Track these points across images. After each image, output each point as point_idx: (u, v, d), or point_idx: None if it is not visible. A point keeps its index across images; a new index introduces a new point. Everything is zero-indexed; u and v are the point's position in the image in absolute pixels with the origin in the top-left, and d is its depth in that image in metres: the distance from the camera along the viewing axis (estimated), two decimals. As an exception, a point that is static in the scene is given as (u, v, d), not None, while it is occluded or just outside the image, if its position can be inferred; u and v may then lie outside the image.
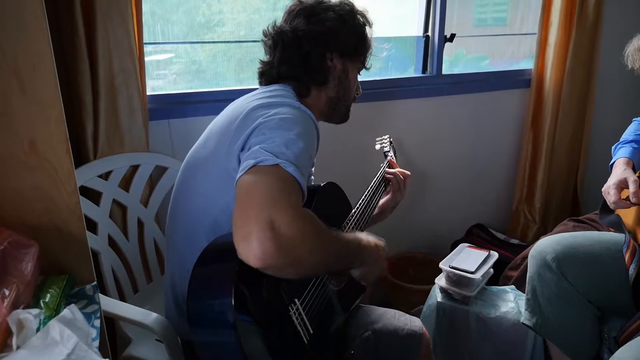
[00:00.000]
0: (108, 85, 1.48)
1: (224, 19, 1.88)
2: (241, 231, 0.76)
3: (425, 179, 2.28)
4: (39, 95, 0.81)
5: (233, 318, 0.79)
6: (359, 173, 1.65)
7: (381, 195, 1.41)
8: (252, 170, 0.83)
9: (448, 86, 2.20)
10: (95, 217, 1.47)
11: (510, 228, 2.50)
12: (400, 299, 2.05)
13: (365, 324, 1.19)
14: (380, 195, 1.40)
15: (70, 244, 0.89)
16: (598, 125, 2.46)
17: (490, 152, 2.41)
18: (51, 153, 0.84)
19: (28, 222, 0.85)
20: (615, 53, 1.53)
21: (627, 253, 1.31)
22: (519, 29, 2.47)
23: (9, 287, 0.69)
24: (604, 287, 1.34)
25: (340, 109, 1.25)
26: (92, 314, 0.83)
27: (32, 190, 0.84)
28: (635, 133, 1.56)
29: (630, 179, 1.34)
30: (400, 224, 2.18)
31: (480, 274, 1.56)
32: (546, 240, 1.43)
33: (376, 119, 2.07)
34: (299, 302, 0.95)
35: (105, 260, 1.47)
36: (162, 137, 1.69)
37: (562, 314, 1.37)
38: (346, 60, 1.20)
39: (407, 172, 1.45)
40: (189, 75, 1.87)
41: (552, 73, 2.25)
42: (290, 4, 1.21)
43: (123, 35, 1.47)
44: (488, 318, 1.56)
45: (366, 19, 1.22)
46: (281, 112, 0.96)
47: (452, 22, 2.20)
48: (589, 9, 2.19)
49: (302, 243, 0.79)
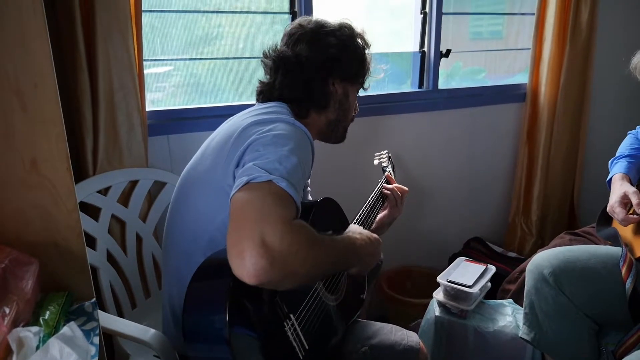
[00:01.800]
0: (108, 101, 1.49)
1: (222, 33, 1.90)
2: (235, 249, 0.77)
3: (422, 192, 2.29)
4: (40, 114, 0.82)
5: (227, 334, 0.80)
6: (356, 188, 1.66)
7: (379, 211, 1.42)
8: (245, 187, 0.84)
9: (444, 101, 2.23)
10: (94, 232, 1.47)
11: (508, 241, 2.51)
12: (398, 313, 2.05)
13: (362, 339, 1.19)
14: (378, 210, 1.41)
15: (70, 261, 0.89)
16: (593, 139, 2.48)
17: (487, 165, 2.43)
18: (52, 171, 0.84)
19: (28, 239, 0.85)
20: (609, 68, 1.55)
21: (624, 267, 1.31)
22: (515, 42, 2.50)
23: (10, 305, 0.69)
24: (601, 301, 1.34)
25: (339, 129, 1.27)
26: (91, 331, 0.83)
27: (33, 208, 0.85)
28: (630, 147, 1.58)
29: (630, 191, 1.36)
30: (398, 238, 2.18)
31: (477, 288, 1.56)
32: (543, 255, 1.44)
33: (373, 134, 2.09)
34: (294, 317, 0.95)
35: (104, 275, 1.47)
36: (161, 153, 1.70)
37: (560, 328, 1.37)
38: (347, 84, 1.22)
39: (404, 188, 1.46)
40: (188, 88, 1.89)
41: (547, 88, 2.27)
42: (291, 27, 1.21)
43: (123, 53, 1.49)
44: (486, 332, 1.57)
45: (365, 41, 1.24)
46: (275, 129, 0.98)
47: (448, 35, 2.22)
48: (582, 25, 2.22)
49: (295, 256, 0.79)
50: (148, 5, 1.65)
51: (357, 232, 1.06)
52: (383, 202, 1.44)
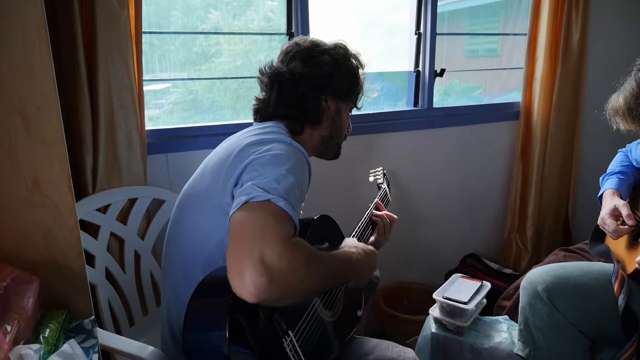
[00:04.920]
0: (108, 121, 1.52)
1: (220, 50, 1.93)
2: (234, 268, 0.78)
3: (418, 210, 2.31)
4: (42, 135, 0.85)
5: (227, 351, 0.81)
6: (352, 205, 1.67)
7: (368, 238, 1.42)
8: (244, 206, 0.86)
9: (439, 119, 2.26)
10: (93, 250, 1.48)
11: (503, 257, 2.53)
12: (394, 329, 2.05)
13: (359, 356, 1.20)
14: (368, 237, 1.41)
15: (70, 279, 0.91)
16: (586, 156, 2.52)
17: (482, 182, 2.46)
18: (53, 191, 0.86)
19: (29, 257, 0.87)
20: (601, 86, 1.57)
21: (616, 283, 1.33)
22: (509, 61, 2.55)
23: (11, 323, 0.71)
24: (595, 317, 1.35)
25: (332, 146, 1.29)
26: (90, 349, 0.84)
27: (34, 226, 0.87)
28: (620, 164, 1.61)
29: (620, 204, 1.39)
30: (395, 255, 2.20)
31: (473, 304, 1.57)
32: (537, 271, 1.45)
33: (368, 152, 2.11)
34: (293, 333, 0.96)
35: (102, 293, 1.47)
36: (159, 171, 1.72)
37: (554, 345, 1.38)
38: (339, 102, 1.24)
39: (394, 216, 1.46)
40: (186, 105, 1.92)
41: (540, 106, 2.31)
42: (287, 45, 1.25)
43: (123, 73, 1.51)
44: (482, 348, 1.57)
45: (359, 61, 1.27)
46: (273, 149, 1.00)
47: (443, 53, 2.26)
48: (573, 45, 2.27)
49: (294, 274, 0.80)
50: (147, 25, 1.68)
51: (353, 246, 1.07)
52: (372, 229, 1.44)
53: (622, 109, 1.33)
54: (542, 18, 2.23)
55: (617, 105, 1.35)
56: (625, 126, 1.36)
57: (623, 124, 1.36)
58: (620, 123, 1.38)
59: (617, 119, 1.38)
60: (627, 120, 1.34)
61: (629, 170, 1.58)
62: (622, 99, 1.33)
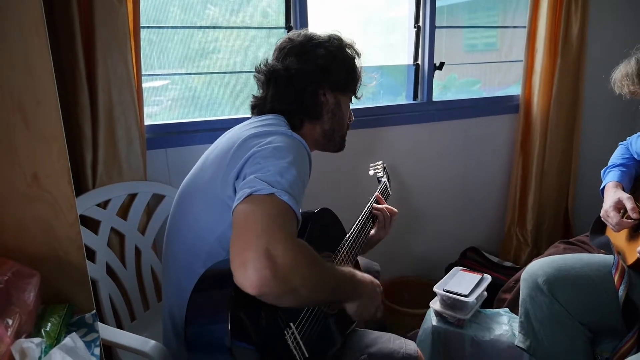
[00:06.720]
0: (107, 116, 1.52)
1: (219, 46, 1.93)
2: (238, 259, 0.78)
3: (418, 203, 2.31)
4: (42, 130, 0.84)
5: (229, 343, 0.81)
6: (352, 198, 1.68)
7: (369, 232, 1.41)
8: (248, 199, 0.85)
9: (438, 112, 2.26)
10: (94, 245, 1.48)
11: (504, 250, 2.53)
12: (395, 323, 2.06)
13: (361, 348, 1.20)
14: (368, 231, 1.41)
15: (71, 274, 0.90)
16: (586, 149, 2.52)
17: (482, 175, 2.46)
18: (53, 185, 0.86)
19: (30, 252, 0.87)
20: (601, 79, 1.57)
21: (616, 274, 1.33)
22: (508, 54, 2.54)
23: (13, 317, 0.71)
24: (595, 308, 1.36)
25: (336, 138, 1.28)
26: (92, 342, 0.84)
27: (34, 221, 0.86)
28: (622, 157, 1.61)
29: (624, 197, 1.39)
30: (395, 248, 2.20)
31: (474, 297, 1.57)
32: (537, 263, 1.46)
33: (368, 146, 2.11)
34: (295, 326, 0.97)
35: (103, 288, 1.48)
36: (159, 166, 1.72)
37: (555, 336, 1.38)
38: (338, 94, 1.23)
39: (394, 210, 1.46)
40: (185, 101, 1.91)
41: (539, 99, 2.31)
42: (281, 41, 1.24)
43: (122, 68, 1.51)
44: (483, 341, 1.58)
45: (355, 50, 1.26)
46: (274, 141, 0.99)
47: (442, 47, 2.26)
48: (573, 37, 2.26)
49: (298, 272, 0.81)
50: (146, 21, 1.68)
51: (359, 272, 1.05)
52: (373, 222, 1.44)
53: (632, 71, 1.38)
54: (541, 10, 2.23)
55: (629, 68, 1.40)
56: (631, 88, 1.40)
57: (629, 85, 1.40)
58: (625, 86, 1.41)
59: (624, 81, 1.41)
60: (635, 82, 1.38)
61: (630, 162, 1.58)
62: (634, 61, 1.39)
